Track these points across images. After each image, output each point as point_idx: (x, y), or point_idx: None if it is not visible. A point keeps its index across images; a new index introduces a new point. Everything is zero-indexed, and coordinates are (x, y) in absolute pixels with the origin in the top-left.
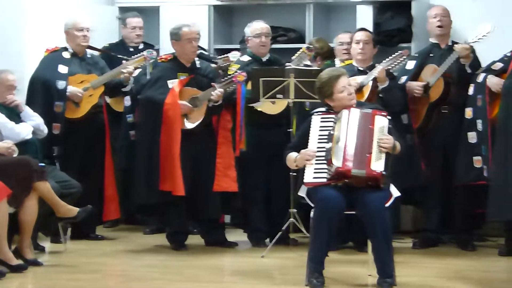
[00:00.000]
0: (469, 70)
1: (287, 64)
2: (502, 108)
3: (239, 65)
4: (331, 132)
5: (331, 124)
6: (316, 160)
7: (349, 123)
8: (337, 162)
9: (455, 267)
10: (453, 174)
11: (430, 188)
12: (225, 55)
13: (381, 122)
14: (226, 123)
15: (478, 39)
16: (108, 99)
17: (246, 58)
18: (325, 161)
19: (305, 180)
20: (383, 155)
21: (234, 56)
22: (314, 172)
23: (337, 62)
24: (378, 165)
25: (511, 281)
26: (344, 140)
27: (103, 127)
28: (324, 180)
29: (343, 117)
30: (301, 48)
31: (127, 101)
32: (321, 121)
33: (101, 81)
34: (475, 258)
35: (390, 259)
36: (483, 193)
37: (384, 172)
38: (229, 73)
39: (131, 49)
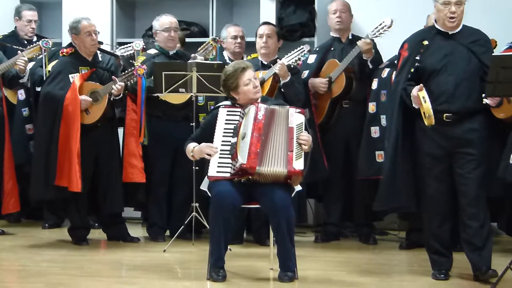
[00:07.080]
0: (370, 66)
1: (192, 56)
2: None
3: (145, 57)
4: (237, 127)
5: (237, 118)
6: (221, 154)
7: (256, 119)
8: (242, 159)
9: (356, 261)
10: (354, 168)
11: (331, 182)
12: (128, 45)
13: (299, 119)
14: (134, 114)
15: (379, 33)
16: (5, 91)
17: (153, 51)
18: (229, 156)
19: (208, 174)
20: (303, 153)
21: (137, 45)
22: (218, 166)
23: (226, 54)
24: (299, 163)
25: (410, 274)
26: (250, 137)
27: (2, 120)
28: (228, 174)
29: (250, 113)
30: (206, 40)
31: (21, 94)
32: (227, 114)
33: None
34: (376, 252)
35: (292, 253)
36: None
37: (303, 170)
38: (135, 64)
39: (25, 42)
